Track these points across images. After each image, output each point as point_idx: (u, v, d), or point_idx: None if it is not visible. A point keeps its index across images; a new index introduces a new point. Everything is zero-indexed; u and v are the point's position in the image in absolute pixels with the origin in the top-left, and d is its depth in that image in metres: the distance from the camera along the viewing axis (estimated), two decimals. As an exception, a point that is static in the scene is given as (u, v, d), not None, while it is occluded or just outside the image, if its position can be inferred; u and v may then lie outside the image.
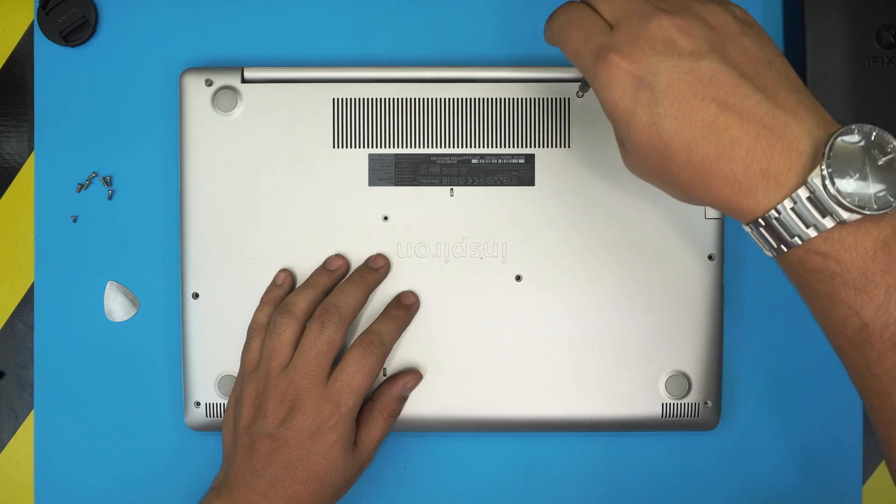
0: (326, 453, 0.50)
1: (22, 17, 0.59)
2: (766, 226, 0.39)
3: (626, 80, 0.40)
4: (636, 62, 0.39)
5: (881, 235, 0.38)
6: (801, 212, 0.38)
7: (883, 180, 0.38)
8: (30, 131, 0.59)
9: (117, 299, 0.58)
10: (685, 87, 0.39)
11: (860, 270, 0.38)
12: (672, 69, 0.39)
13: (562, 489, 0.58)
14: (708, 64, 0.39)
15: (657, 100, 0.39)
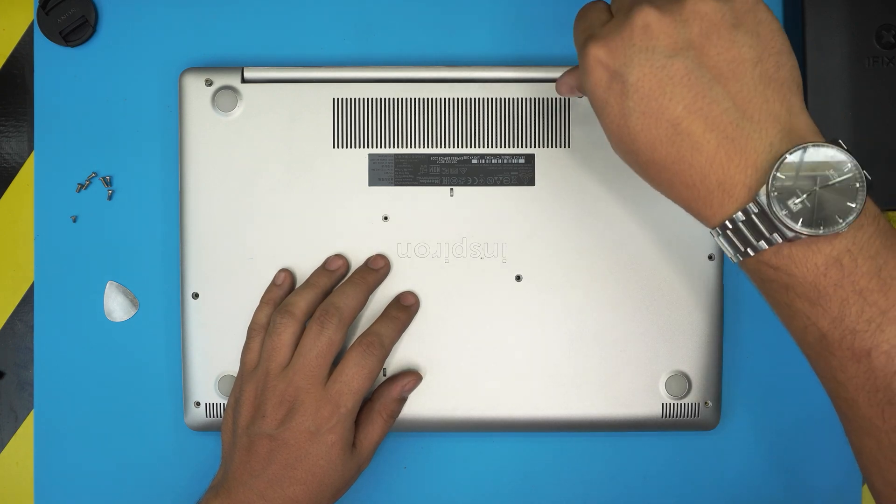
0: (325, 454, 0.50)
1: (22, 17, 0.59)
2: (723, 235, 0.39)
3: (602, 71, 0.40)
4: (612, 53, 0.39)
5: (833, 252, 0.38)
6: (753, 225, 0.38)
7: (832, 202, 0.38)
8: (30, 131, 0.59)
9: (117, 299, 0.58)
10: (655, 84, 0.38)
11: (812, 284, 0.38)
12: (644, 63, 0.39)
13: (562, 489, 0.58)
14: (681, 62, 0.38)
15: (627, 93, 0.39)
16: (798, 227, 0.37)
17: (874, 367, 0.38)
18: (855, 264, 0.38)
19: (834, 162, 0.38)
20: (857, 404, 0.39)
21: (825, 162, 0.38)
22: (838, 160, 0.38)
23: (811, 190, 0.37)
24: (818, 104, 0.55)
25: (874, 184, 0.55)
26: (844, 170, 0.38)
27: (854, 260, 0.38)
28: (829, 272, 0.38)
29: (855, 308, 0.37)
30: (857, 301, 0.37)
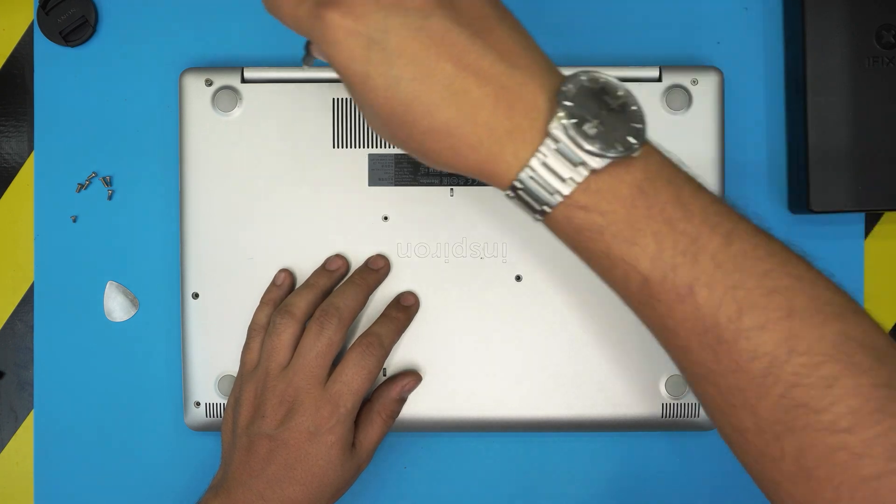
0: (325, 454, 0.50)
1: (22, 17, 0.59)
2: (524, 188, 0.37)
3: (354, 41, 0.36)
4: (360, 19, 0.36)
5: (634, 180, 0.37)
6: (553, 166, 0.36)
7: (620, 123, 0.37)
8: (30, 131, 0.59)
9: (117, 299, 0.58)
10: (419, 47, 0.36)
11: (625, 220, 0.36)
12: (401, 27, 0.36)
13: (562, 489, 0.58)
14: (438, 21, 0.36)
15: (391, 61, 0.36)
16: (599, 150, 0.36)
17: (699, 303, 0.36)
18: (656, 191, 0.37)
19: (610, 86, 0.37)
20: (691, 350, 0.37)
21: (603, 87, 0.37)
22: (613, 84, 0.38)
23: (598, 113, 0.36)
24: (818, 104, 0.55)
25: (876, 184, 0.55)
26: (620, 93, 0.37)
27: (654, 186, 0.37)
28: (636, 202, 0.36)
29: (669, 240, 0.36)
30: (669, 232, 0.36)
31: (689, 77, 0.55)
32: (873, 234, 0.59)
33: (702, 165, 0.55)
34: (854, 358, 0.35)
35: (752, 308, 0.35)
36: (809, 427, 0.35)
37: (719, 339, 0.36)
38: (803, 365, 0.35)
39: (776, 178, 0.59)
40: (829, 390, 0.34)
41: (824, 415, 0.34)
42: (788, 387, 0.35)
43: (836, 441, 0.34)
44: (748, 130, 0.59)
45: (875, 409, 0.34)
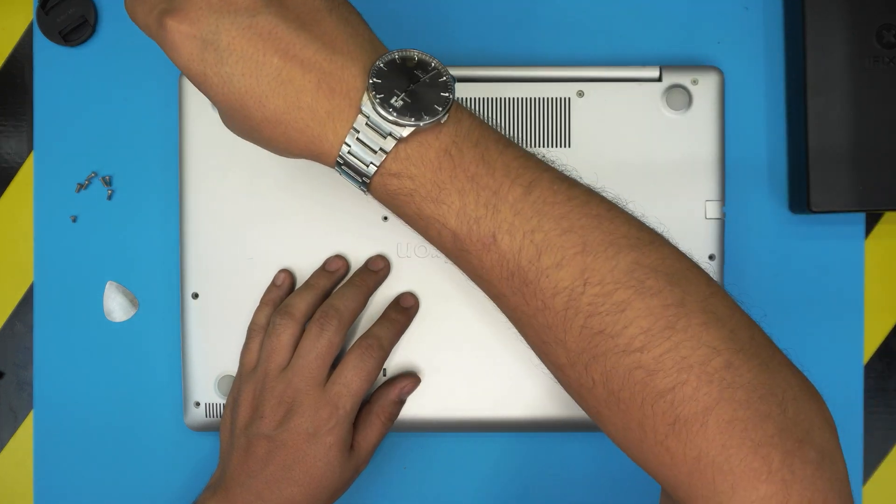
0: (323, 456, 0.50)
1: (21, 17, 0.59)
2: (345, 163, 0.40)
3: (190, 44, 0.40)
4: (195, 23, 0.39)
5: (441, 146, 0.40)
6: (365, 140, 0.39)
7: (428, 94, 0.40)
8: (29, 131, 0.59)
9: (117, 299, 0.58)
10: (246, 43, 0.39)
11: (432, 182, 0.39)
12: (231, 26, 0.39)
13: (562, 489, 0.58)
14: (265, 18, 0.39)
15: (223, 59, 0.39)
16: (404, 120, 0.39)
17: (502, 250, 0.39)
18: (461, 153, 0.40)
19: (421, 62, 0.41)
20: (505, 295, 0.40)
21: (415, 63, 0.41)
22: (424, 60, 0.41)
23: (407, 87, 0.40)
24: (818, 104, 0.55)
25: (876, 184, 0.55)
26: (430, 66, 0.41)
27: (460, 149, 0.40)
28: (442, 164, 0.39)
29: (472, 195, 0.39)
30: (472, 188, 0.39)
31: (690, 77, 0.55)
32: (873, 234, 0.59)
33: (702, 165, 0.55)
34: (646, 283, 0.37)
35: (548, 248, 0.38)
36: (609, 352, 0.37)
37: (524, 282, 0.39)
38: (597, 294, 0.37)
39: (776, 178, 0.59)
40: (621, 315, 0.37)
41: (619, 338, 0.37)
42: (587, 317, 0.38)
43: (632, 361, 0.37)
44: (748, 130, 0.59)
45: (665, 326, 0.37)
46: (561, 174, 0.41)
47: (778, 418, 0.36)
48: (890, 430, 0.59)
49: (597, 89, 0.55)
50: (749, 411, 0.36)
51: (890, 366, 0.59)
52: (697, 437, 0.36)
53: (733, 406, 0.36)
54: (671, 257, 0.39)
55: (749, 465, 0.35)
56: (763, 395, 0.36)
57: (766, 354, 0.38)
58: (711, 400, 0.36)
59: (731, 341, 0.37)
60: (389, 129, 0.39)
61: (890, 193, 0.56)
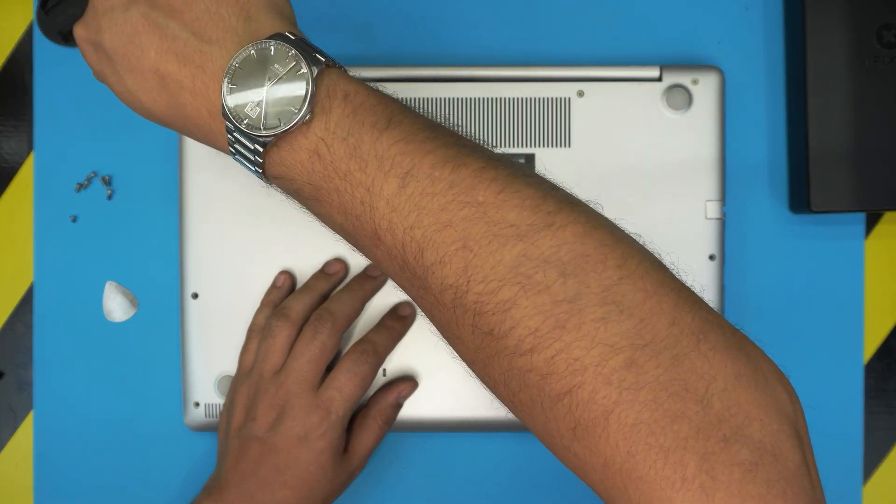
0: (315, 460, 0.50)
1: (21, 17, 0.59)
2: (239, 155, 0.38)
3: (89, 48, 0.40)
4: (87, 28, 0.39)
5: (310, 146, 0.36)
6: (240, 147, 0.37)
7: (286, 95, 0.36)
8: (29, 131, 0.59)
9: (117, 299, 0.58)
10: (125, 41, 0.38)
11: (309, 184, 0.37)
12: (110, 25, 0.38)
13: (562, 489, 0.58)
14: (136, 11, 0.38)
15: (111, 60, 0.39)
16: (262, 131, 0.36)
17: (387, 246, 0.36)
18: (330, 151, 0.36)
19: (278, 54, 0.37)
20: (405, 287, 0.37)
21: (269, 57, 0.37)
22: (281, 51, 0.37)
23: (260, 92, 0.36)
24: (818, 104, 0.55)
25: (877, 184, 0.55)
26: (289, 56, 0.37)
27: (329, 147, 0.36)
28: (314, 166, 0.36)
29: (348, 195, 0.36)
30: (346, 187, 0.36)
31: (690, 77, 0.55)
32: (874, 234, 0.59)
33: (702, 165, 0.55)
34: (533, 278, 0.33)
35: (429, 245, 0.35)
36: (500, 353, 0.34)
37: (414, 276, 0.36)
38: (481, 293, 0.34)
39: (776, 178, 0.59)
40: (507, 314, 0.33)
41: (508, 340, 0.33)
42: (474, 315, 0.34)
43: (524, 363, 0.33)
44: (748, 130, 0.59)
45: (554, 325, 0.32)
46: (448, 153, 0.36)
47: (695, 417, 0.31)
48: (890, 430, 0.59)
49: (597, 89, 0.55)
50: (656, 413, 0.31)
51: (890, 366, 0.59)
52: (600, 444, 0.32)
53: (636, 408, 0.31)
54: (571, 241, 0.34)
55: (660, 472, 0.31)
56: (675, 392, 0.31)
57: (687, 342, 0.32)
58: (610, 403, 0.32)
59: (634, 336, 0.32)
60: (254, 136, 0.37)
61: (890, 193, 0.56)
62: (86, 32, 0.40)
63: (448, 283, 0.34)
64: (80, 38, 0.40)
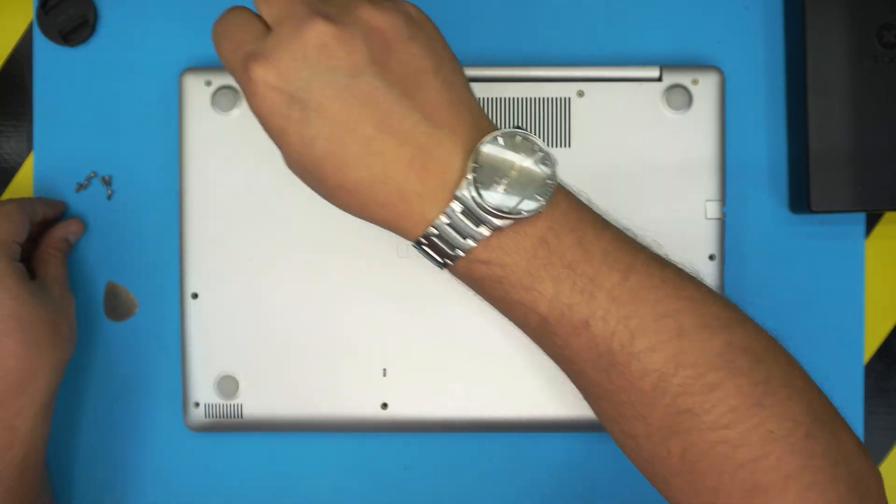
0: (2, 295, 0.48)
1: (21, 17, 0.59)
2: (429, 243, 0.39)
3: (275, 97, 0.37)
4: (284, 76, 0.36)
5: (537, 233, 0.38)
6: (458, 225, 0.38)
7: (529, 181, 0.38)
8: (29, 131, 0.59)
9: (117, 299, 0.58)
10: (340, 107, 0.36)
11: (525, 270, 0.38)
12: (326, 86, 0.36)
13: (562, 489, 0.58)
14: (366, 81, 0.36)
15: (309, 120, 0.37)
16: (504, 213, 0.37)
17: (594, 335, 0.38)
18: (559, 240, 0.38)
19: (523, 145, 0.38)
20: (586, 373, 0.40)
21: (516, 146, 0.38)
22: (527, 143, 0.38)
23: (508, 174, 0.37)
24: (818, 104, 0.55)
25: (877, 184, 0.55)
26: (534, 149, 0.38)
27: (557, 236, 0.38)
28: (537, 253, 0.38)
29: (567, 283, 0.38)
30: (567, 275, 0.38)
31: (690, 77, 0.55)
32: (874, 234, 0.59)
33: (702, 165, 0.55)
34: (735, 363, 0.38)
35: (643, 333, 0.38)
36: (694, 428, 0.38)
37: (612, 363, 0.38)
38: (688, 377, 0.38)
39: (776, 178, 0.59)
40: (711, 394, 0.37)
41: (707, 416, 0.37)
42: (675, 396, 0.38)
43: (716, 437, 0.37)
44: (748, 130, 0.59)
45: (752, 404, 0.37)
46: (653, 253, 0.41)
47: (847, 480, 0.38)
48: (890, 430, 0.59)
49: (597, 89, 0.55)
50: (824, 475, 0.38)
51: (890, 366, 0.59)
52: (775, 502, 0.37)
53: (812, 472, 0.37)
54: (756, 334, 0.40)
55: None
56: (836, 460, 0.38)
57: (835, 421, 0.40)
58: (793, 468, 0.37)
59: (809, 412, 0.39)
60: (485, 219, 0.37)
61: (890, 193, 0.56)
62: (282, 82, 0.36)
63: (653, 367, 0.38)
64: (269, 84, 0.36)
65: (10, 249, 0.51)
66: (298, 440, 0.58)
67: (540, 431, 0.56)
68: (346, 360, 0.55)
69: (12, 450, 0.48)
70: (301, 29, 0.36)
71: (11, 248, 0.51)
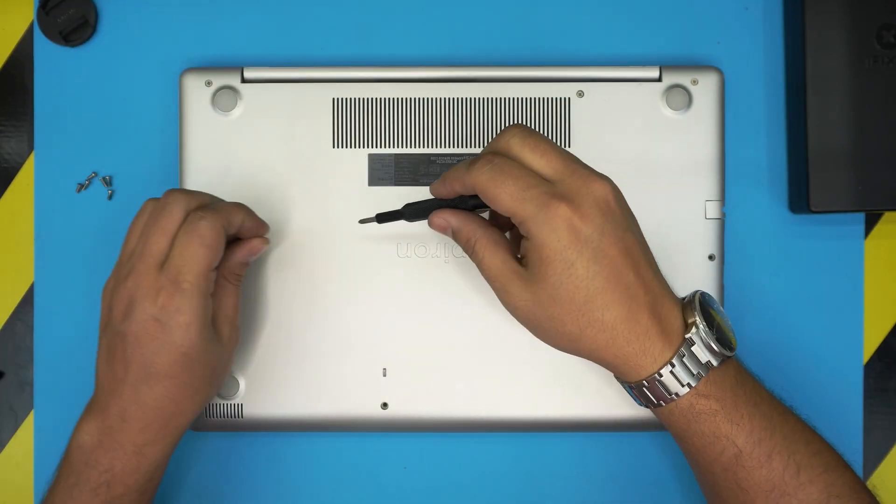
0: (182, 338, 0.46)
1: (22, 17, 0.59)
2: (656, 382, 0.45)
3: (569, 232, 0.44)
4: (585, 218, 0.44)
5: (733, 371, 0.46)
6: (688, 364, 0.45)
7: (724, 327, 0.47)
8: (30, 131, 0.59)
9: (117, 299, 0.58)
10: (618, 253, 0.44)
11: (732, 405, 0.45)
12: (612, 233, 0.44)
13: (562, 489, 0.58)
14: (631, 236, 0.45)
15: (597, 258, 0.44)
16: (722, 350, 0.45)
17: (774, 466, 0.45)
18: (744, 378, 0.47)
19: (709, 298, 0.47)
20: (752, 502, 0.46)
21: (707, 300, 0.47)
22: (709, 297, 0.48)
23: (712, 321, 0.46)
24: (818, 104, 0.55)
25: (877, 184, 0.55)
26: (714, 304, 0.47)
27: (742, 374, 0.47)
28: (737, 389, 0.46)
29: (756, 419, 0.46)
30: (756, 413, 0.46)
31: (689, 77, 0.55)
32: (873, 234, 0.59)
33: (702, 165, 0.55)
34: (862, 493, 0.47)
35: (806, 467, 0.46)
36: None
37: (783, 493, 0.46)
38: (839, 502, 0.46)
39: (776, 178, 0.59)
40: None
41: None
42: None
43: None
44: (748, 130, 0.59)
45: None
46: None
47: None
48: (890, 430, 0.59)
49: (597, 89, 0.55)
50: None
51: (890, 366, 0.59)
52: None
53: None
54: (855, 479, 0.48)
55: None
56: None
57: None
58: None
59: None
60: (709, 358, 0.45)
61: (890, 193, 0.56)
62: (581, 223, 0.44)
63: (812, 497, 0.46)
64: (570, 221, 0.44)
65: (206, 283, 0.47)
66: (298, 440, 0.58)
67: (540, 431, 0.56)
68: (346, 360, 0.55)
69: (136, 474, 0.48)
70: (591, 183, 0.45)
71: (207, 280, 0.47)
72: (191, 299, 0.46)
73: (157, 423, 0.48)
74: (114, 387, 0.48)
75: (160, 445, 0.49)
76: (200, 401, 0.50)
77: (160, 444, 0.49)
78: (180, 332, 0.46)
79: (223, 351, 0.50)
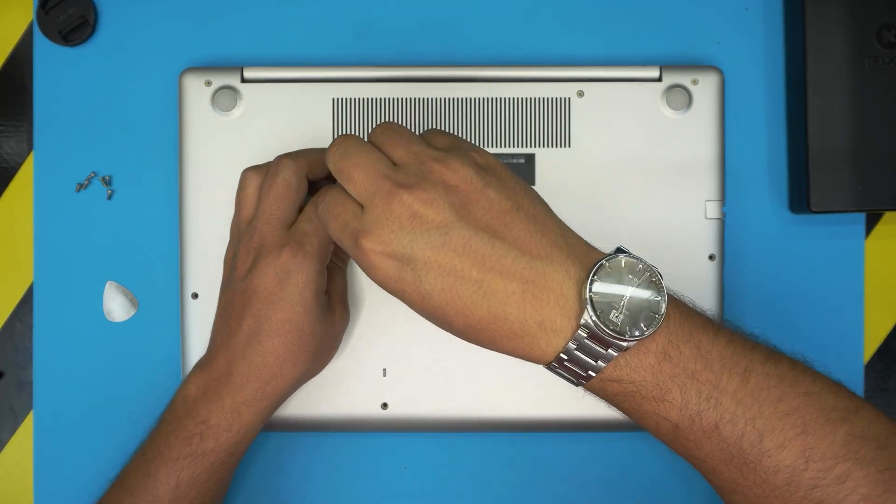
0: (298, 297, 0.48)
1: (21, 17, 0.59)
2: (560, 367, 0.41)
3: (386, 262, 0.41)
4: (388, 244, 0.41)
5: (659, 348, 0.41)
6: (586, 350, 0.40)
7: (643, 301, 0.41)
8: (29, 131, 0.59)
9: (117, 299, 0.58)
10: (443, 261, 0.40)
11: (653, 383, 0.41)
12: (425, 245, 0.40)
13: (562, 489, 0.58)
14: (458, 233, 0.40)
15: (420, 277, 0.41)
16: (628, 335, 0.40)
17: (724, 437, 0.41)
18: (679, 352, 0.41)
19: (630, 267, 0.41)
20: (719, 471, 0.42)
21: (622, 271, 0.41)
22: (632, 264, 0.41)
23: (623, 297, 0.41)
24: (818, 104, 0.55)
25: (877, 184, 0.55)
26: (638, 269, 0.41)
27: (677, 348, 0.41)
28: (662, 367, 0.41)
29: (693, 391, 0.41)
30: (692, 384, 0.41)
31: (689, 77, 0.55)
32: (874, 234, 0.59)
33: (702, 165, 0.55)
34: (860, 452, 0.40)
35: (770, 431, 0.40)
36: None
37: (744, 462, 0.41)
38: (819, 469, 0.40)
39: (776, 178, 0.59)
40: (843, 485, 0.40)
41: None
42: (808, 489, 0.40)
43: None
44: (748, 130, 0.59)
45: (884, 490, 0.40)
46: (765, 349, 0.42)
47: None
48: (890, 430, 0.59)
49: (597, 89, 0.55)
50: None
51: (890, 366, 0.59)
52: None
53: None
54: (872, 420, 0.41)
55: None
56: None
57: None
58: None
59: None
60: (612, 341, 0.40)
61: (890, 193, 0.56)
62: (388, 249, 0.41)
63: (785, 464, 0.40)
64: (378, 252, 0.41)
65: (326, 252, 0.49)
66: (298, 440, 0.58)
67: (540, 431, 0.56)
68: (346, 360, 0.55)
69: (229, 433, 0.49)
70: (390, 204, 0.41)
71: (328, 250, 0.49)
72: (310, 262, 0.48)
73: (258, 380, 0.49)
74: (226, 340, 0.49)
75: (255, 408, 0.49)
76: (301, 371, 0.50)
77: (255, 407, 0.49)
78: (296, 290, 0.48)
79: (333, 326, 0.51)
